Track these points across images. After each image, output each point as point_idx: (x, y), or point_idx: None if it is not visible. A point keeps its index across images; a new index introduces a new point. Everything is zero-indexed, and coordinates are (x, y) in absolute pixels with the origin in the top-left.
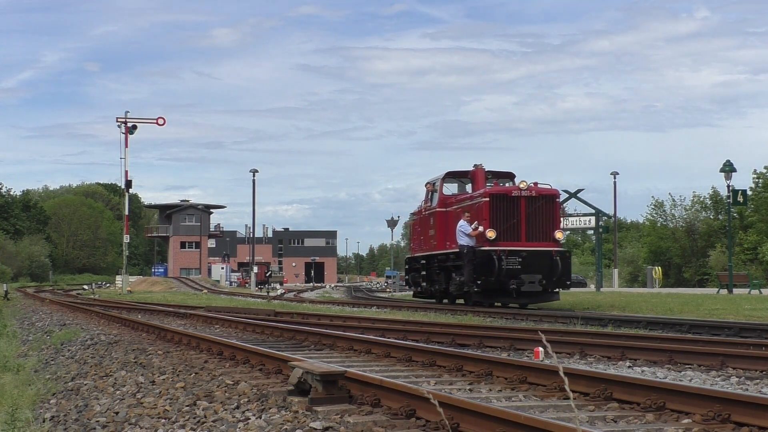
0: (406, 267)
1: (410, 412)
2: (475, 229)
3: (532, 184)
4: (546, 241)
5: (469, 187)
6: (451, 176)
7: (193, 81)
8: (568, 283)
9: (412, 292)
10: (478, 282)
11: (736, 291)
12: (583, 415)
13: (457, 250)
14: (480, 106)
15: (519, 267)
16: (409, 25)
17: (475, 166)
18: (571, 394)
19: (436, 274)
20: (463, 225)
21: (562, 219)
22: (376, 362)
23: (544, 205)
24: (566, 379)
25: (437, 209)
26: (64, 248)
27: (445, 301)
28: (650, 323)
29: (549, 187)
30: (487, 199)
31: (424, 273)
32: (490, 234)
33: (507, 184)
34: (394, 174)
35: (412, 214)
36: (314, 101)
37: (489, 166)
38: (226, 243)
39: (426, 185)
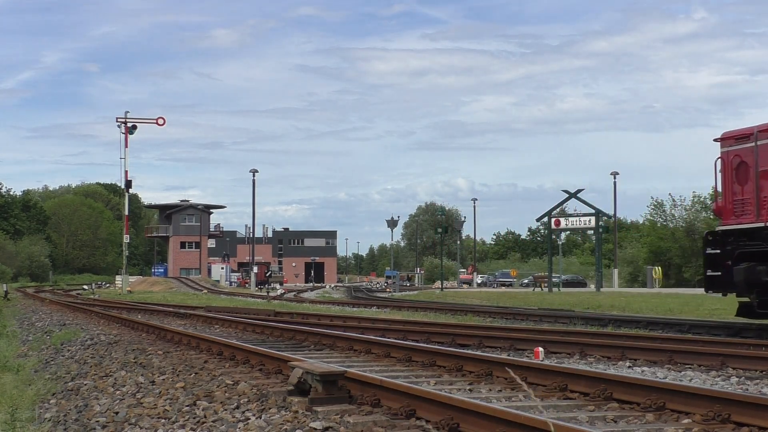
0: (714, 252)
1: (410, 413)
2: None
3: None
4: None
5: None
6: None
7: (193, 81)
8: None
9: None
10: None
11: None
12: (583, 415)
13: None
14: (479, 107)
15: None
16: (409, 25)
17: None
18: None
19: None
20: None
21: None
22: (376, 362)
23: None
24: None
25: None
26: (64, 248)
27: None
28: (650, 323)
29: None
30: None
31: None
32: None
33: None
34: (393, 174)
35: (736, 137)
36: (313, 101)
37: (486, 167)
38: (226, 243)
39: None
